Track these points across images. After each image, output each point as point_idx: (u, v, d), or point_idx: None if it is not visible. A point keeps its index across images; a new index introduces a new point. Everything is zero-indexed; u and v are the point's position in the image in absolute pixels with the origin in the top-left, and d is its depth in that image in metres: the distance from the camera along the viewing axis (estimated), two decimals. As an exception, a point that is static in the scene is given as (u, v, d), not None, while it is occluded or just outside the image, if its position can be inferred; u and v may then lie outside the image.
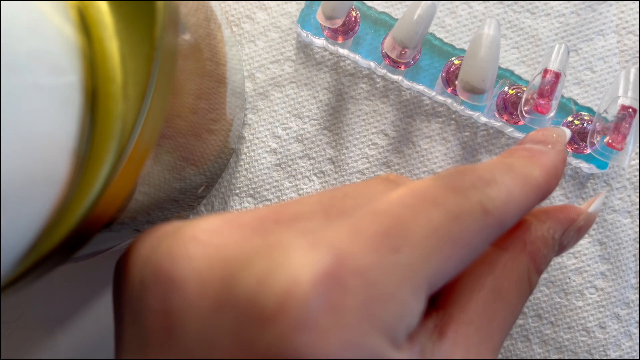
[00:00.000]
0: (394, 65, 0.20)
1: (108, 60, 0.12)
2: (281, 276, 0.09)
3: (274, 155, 0.22)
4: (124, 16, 0.12)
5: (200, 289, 0.10)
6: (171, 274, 0.10)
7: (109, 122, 0.12)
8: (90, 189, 0.12)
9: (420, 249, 0.10)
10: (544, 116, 0.17)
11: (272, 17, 0.22)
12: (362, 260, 0.09)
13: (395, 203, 0.10)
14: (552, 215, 0.14)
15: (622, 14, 0.21)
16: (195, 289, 0.10)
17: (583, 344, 0.21)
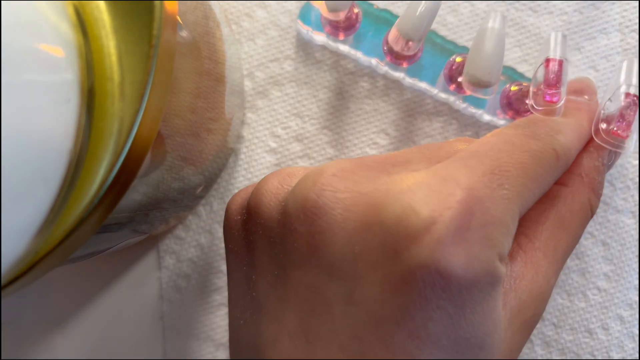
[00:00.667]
0: (396, 62, 0.20)
1: (105, 59, 0.12)
2: (426, 205, 0.11)
3: (274, 154, 0.21)
4: (121, 14, 0.12)
5: (345, 214, 0.12)
6: (318, 203, 0.12)
7: (106, 120, 0.12)
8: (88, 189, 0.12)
9: (516, 185, 0.12)
10: (555, 105, 0.16)
11: (272, 15, 0.21)
12: (480, 192, 0.12)
13: (491, 147, 0.13)
14: (597, 145, 0.16)
15: (625, 12, 0.21)
16: (341, 214, 0.12)
17: (586, 345, 0.21)
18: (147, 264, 0.22)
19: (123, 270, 0.22)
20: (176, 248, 0.22)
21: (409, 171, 0.13)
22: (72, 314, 0.22)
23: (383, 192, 0.12)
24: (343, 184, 0.12)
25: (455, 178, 0.12)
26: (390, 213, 0.11)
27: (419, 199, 0.11)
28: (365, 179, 0.12)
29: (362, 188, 0.12)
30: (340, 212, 0.12)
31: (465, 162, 0.12)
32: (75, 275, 0.22)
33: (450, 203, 0.11)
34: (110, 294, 0.22)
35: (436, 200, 0.11)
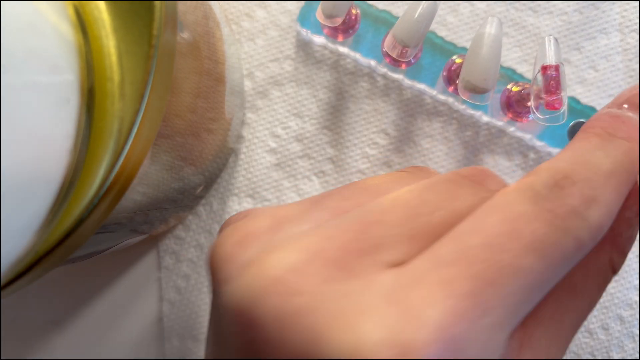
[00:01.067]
0: (394, 64, 0.20)
1: (105, 59, 0.12)
2: (382, 348, 0.09)
3: (274, 154, 0.21)
4: (121, 14, 0.12)
5: (281, 336, 0.10)
6: (253, 315, 0.10)
7: (106, 120, 0.12)
8: (88, 189, 0.12)
9: (509, 305, 0.09)
10: (558, 111, 0.16)
11: (272, 15, 0.21)
12: (455, 328, 0.09)
13: (485, 241, 0.10)
14: (633, 192, 0.12)
15: (625, 12, 0.21)
16: (276, 336, 0.10)
17: (586, 345, 0.21)
18: (146, 264, 0.22)
19: (123, 271, 0.22)
20: (176, 248, 0.22)
21: (376, 269, 0.10)
22: (72, 314, 0.22)
23: (332, 315, 0.09)
24: (284, 296, 0.10)
25: (424, 310, 0.09)
26: (334, 347, 0.09)
27: (374, 338, 0.09)
28: (317, 286, 0.10)
29: (309, 301, 0.10)
30: (276, 334, 0.10)
31: (446, 272, 0.10)
32: (75, 275, 0.22)
33: (413, 351, 0.09)
34: (110, 294, 0.22)
35: (395, 344, 0.09)
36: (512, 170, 0.21)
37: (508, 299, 0.09)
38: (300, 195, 0.21)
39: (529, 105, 0.19)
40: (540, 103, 0.17)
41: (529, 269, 0.10)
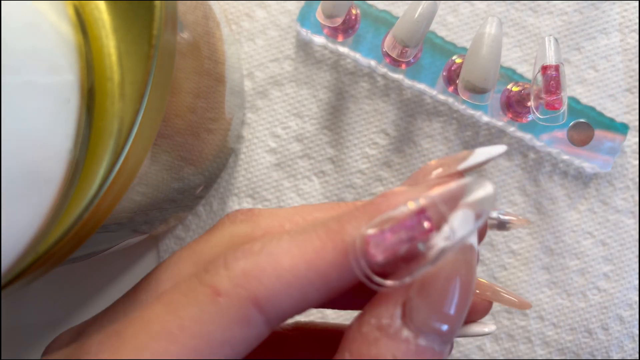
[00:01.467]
0: (394, 64, 0.20)
1: (105, 59, 0.12)
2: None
3: (274, 154, 0.21)
4: (121, 14, 0.12)
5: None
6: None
7: (106, 121, 0.12)
8: (88, 189, 0.12)
9: (130, 349, 0.10)
10: (558, 111, 0.17)
11: (272, 15, 0.21)
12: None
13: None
14: (374, 300, 0.11)
15: (625, 12, 0.21)
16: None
17: (585, 345, 0.21)
18: (147, 264, 0.22)
19: (123, 271, 0.22)
20: (176, 248, 0.22)
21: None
22: (72, 314, 0.22)
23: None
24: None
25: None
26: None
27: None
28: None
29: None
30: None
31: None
32: (75, 275, 0.22)
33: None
34: (110, 294, 0.22)
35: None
36: (512, 171, 0.21)
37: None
38: (300, 195, 0.21)
39: (529, 105, 0.19)
40: (540, 103, 0.17)
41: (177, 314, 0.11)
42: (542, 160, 0.21)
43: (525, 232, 0.21)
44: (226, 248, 0.12)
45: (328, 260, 0.10)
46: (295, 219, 0.12)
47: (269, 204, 0.21)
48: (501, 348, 0.21)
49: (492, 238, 0.21)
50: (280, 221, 0.12)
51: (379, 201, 0.11)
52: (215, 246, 0.12)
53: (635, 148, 0.21)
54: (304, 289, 0.10)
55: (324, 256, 0.10)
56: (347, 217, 0.11)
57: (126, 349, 0.10)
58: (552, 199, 0.21)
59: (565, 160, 0.21)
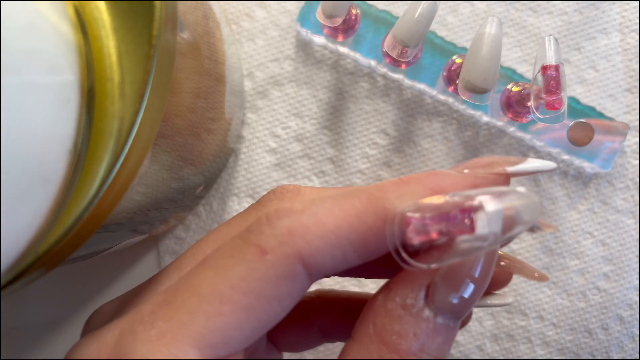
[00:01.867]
0: (394, 63, 0.20)
1: (105, 59, 0.12)
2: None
3: (274, 154, 0.21)
4: (121, 14, 0.12)
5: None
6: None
7: (106, 121, 0.12)
8: (88, 189, 0.12)
9: (179, 315, 0.10)
10: (559, 111, 0.17)
11: (272, 15, 0.21)
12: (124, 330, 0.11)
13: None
14: (400, 279, 0.11)
15: (625, 12, 0.21)
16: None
17: (585, 345, 0.21)
18: (147, 264, 0.22)
19: (123, 271, 0.22)
20: (176, 248, 0.22)
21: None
22: (72, 314, 0.22)
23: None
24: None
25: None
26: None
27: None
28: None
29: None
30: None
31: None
32: (75, 275, 0.22)
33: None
34: (110, 294, 0.22)
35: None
36: (512, 170, 0.21)
37: (179, 311, 0.11)
38: (300, 195, 0.21)
39: (529, 105, 0.19)
40: (540, 103, 0.17)
41: (204, 281, 0.11)
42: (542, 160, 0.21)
43: (525, 232, 0.21)
44: None
45: (368, 225, 0.11)
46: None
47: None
48: (501, 348, 0.21)
49: (492, 238, 0.21)
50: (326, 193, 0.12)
51: (424, 177, 0.11)
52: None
53: (635, 148, 0.21)
54: (344, 249, 0.11)
55: (365, 220, 0.11)
56: (391, 185, 0.11)
57: (179, 314, 0.10)
58: (552, 199, 0.21)
59: (565, 160, 0.21)
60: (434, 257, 0.10)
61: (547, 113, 0.17)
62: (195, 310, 0.10)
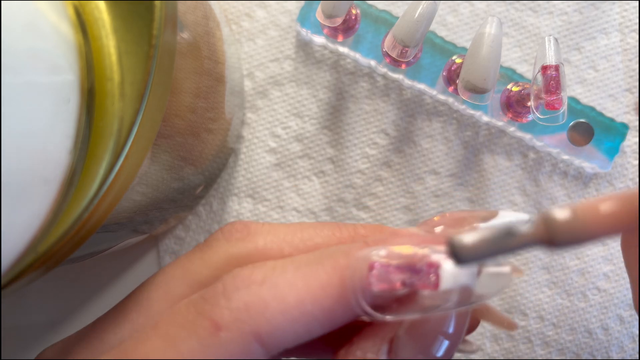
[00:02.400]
0: (394, 63, 0.20)
1: (105, 59, 0.12)
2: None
3: (274, 154, 0.21)
4: (121, 14, 0.12)
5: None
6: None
7: (106, 120, 0.12)
8: (88, 189, 0.12)
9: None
10: (558, 111, 0.17)
11: (272, 15, 0.21)
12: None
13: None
14: (363, 332, 0.11)
15: (625, 12, 0.21)
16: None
17: (585, 345, 0.21)
18: (147, 264, 0.22)
19: (123, 271, 0.22)
20: (176, 248, 0.22)
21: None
22: (72, 314, 0.22)
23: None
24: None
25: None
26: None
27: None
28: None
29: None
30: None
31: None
32: (75, 275, 0.22)
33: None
34: (110, 294, 0.22)
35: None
36: (512, 171, 0.21)
37: None
38: (300, 195, 0.21)
39: (528, 105, 0.19)
40: (540, 103, 0.17)
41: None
42: (542, 160, 0.21)
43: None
44: (222, 270, 0.11)
45: (334, 297, 0.10)
46: (294, 242, 0.12)
47: (269, 204, 0.21)
48: (501, 348, 0.21)
49: (492, 238, 0.21)
50: (279, 243, 0.12)
51: (394, 241, 0.10)
52: (210, 266, 0.12)
53: (635, 148, 0.21)
54: (308, 325, 0.10)
55: (331, 292, 0.10)
56: (355, 250, 0.10)
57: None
58: (552, 199, 0.21)
59: (565, 160, 0.21)
60: (393, 309, 0.10)
61: (547, 113, 0.17)
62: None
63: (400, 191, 0.21)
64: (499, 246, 0.08)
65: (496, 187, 0.21)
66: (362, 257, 0.10)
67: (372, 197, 0.21)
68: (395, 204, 0.21)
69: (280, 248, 0.12)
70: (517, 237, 0.08)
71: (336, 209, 0.21)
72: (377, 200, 0.21)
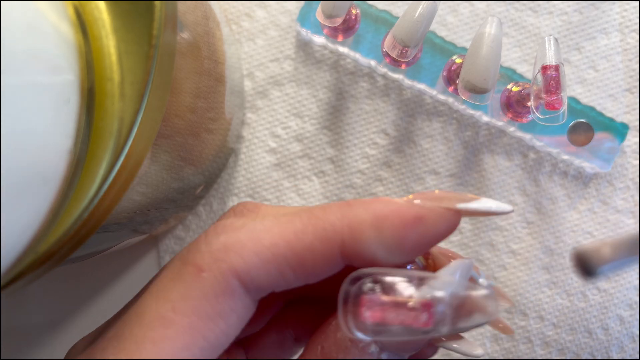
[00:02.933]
0: (394, 63, 0.20)
1: (105, 59, 0.12)
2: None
3: (274, 154, 0.21)
4: (121, 14, 0.12)
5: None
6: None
7: (106, 120, 0.12)
8: (88, 189, 0.12)
9: (130, 344, 0.10)
10: (558, 111, 0.17)
11: (272, 15, 0.21)
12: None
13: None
14: (348, 311, 0.11)
15: (625, 12, 0.21)
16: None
17: (585, 345, 0.21)
18: (147, 263, 0.22)
19: (123, 270, 0.22)
20: (176, 248, 0.22)
21: None
22: (72, 314, 0.22)
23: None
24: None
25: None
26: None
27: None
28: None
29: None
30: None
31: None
32: (75, 275, 0.22)
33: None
34: (111, 294, 0.22)
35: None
36: (512, 170, 0.21)
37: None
38: (300, 195, 0.21)
39: (528, 105, 0.19)
40: (540, 103, 0.17)
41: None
42: (542, 160, 0.21)
43: (525, 232, 0.21)
44: None
45: (305, 243, 0.10)
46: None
47: (269, 204, 0.21)
48: (501, 348, 0.21)
49: (492, 238, 0.21)
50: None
51: (369, 202, 0.11)
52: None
53: (635, 148, 0.21)
54: (280, 267, 0.11)
55: (303, 238, 0.10)
56: (335, 207, 0.11)
57: (126, 345, 0.10)
58: (552, 199, 0.21)
59: (565, 160, 0.21)
60: (381, 330, 0.10)
61: (547, 113, 0.17)
62: (142, 338, 0.10)
63: (400, 191, 0.21)
64: (630, 254, 0.08)
65: (496, 187, 0.21)
66: (356, 288, 0.10)
67: (372, 197, 0.21)
68: (395, 204, 0.21)
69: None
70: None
71: (336, 209, 0.21)
72: (377, 200, 0.21)
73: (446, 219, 0.11)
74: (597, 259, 0.09)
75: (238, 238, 0.10)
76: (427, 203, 0.11)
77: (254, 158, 0.21)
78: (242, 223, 0.11)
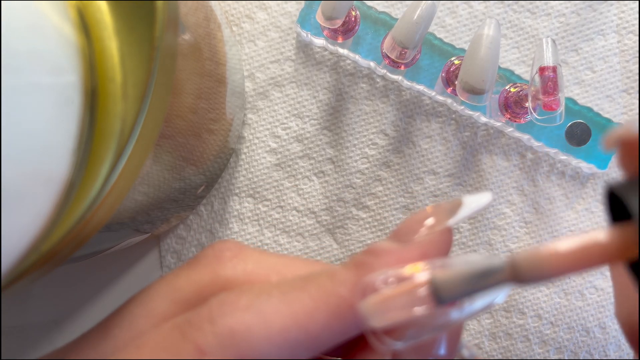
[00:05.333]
0: (393, 65, 0.20)
1: (107, 60, 0.12)
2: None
3: (274, 155, 0.22)
4: (123, 16, 0.12)
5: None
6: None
7: (108, 121, 0.12)
8: (90, 189, 0.12)
9: None
10: (555, 112, 0.17)
11: (272, 16, 0.22)
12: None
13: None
14: (364, 351, 0.11)
15: (622, 13, 0.21)
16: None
17: (583, 344, 0.21)
18: (148, 263, 0.22)
19: (124, 270, 0.22)
20: (177, 247, 0.22)
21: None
22: (73, 314, 0.22)
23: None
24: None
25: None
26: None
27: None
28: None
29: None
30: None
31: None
32: (76, 275, 0.22)
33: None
34: (112, 293, 0.22)
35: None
36: (510, 171, 0.21)
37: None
38: (300, 195, 0.22)
39: (526, 106, 0.19)
40: (538, 104, 0.17)
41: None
42: (540, 161, 0.21)
43: (523, 232, 0.21)
44: (208, 289, 0.11)
45: (320, 323, 0.10)
46: (283, 271, 0.12)
47: (269, 204, 0.22)
48: (499, 346, 0.21)
49: (490, 237, 0.21)
50: (268, 270, 0.12)
51: (369, 260, 0.10)
52: (196, 284, 0.11)
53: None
54: (294, 350, 0.10)
55: (317, 318, 0.10)
56: (343, 273, 0.10)
57: None
58: (549, 199, 0.21)
59: (563, 160, 0.21)
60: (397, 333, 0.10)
61: (544, 114, 0.17)
62: None
63: (400, 191, 0.21)
64: (476, 286, 0.09)
65: (494, 187, 0.21)
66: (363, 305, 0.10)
67: (371, 197, 0.21)
68: (395, 204, 0.21)
69: (268, 275, 0.11)
70: (491, 277, 0.09)
71: (336, 209, 0.21)
72: (377, 200, 0.21)
73: (446, 243, 0.11)
74: (446, 291, 0.09)
75: (245, 322, 0.10)
76: (421, 236, 0.11)
77: (254, 158, 0.22)
78: (247, 302, 0.10)
